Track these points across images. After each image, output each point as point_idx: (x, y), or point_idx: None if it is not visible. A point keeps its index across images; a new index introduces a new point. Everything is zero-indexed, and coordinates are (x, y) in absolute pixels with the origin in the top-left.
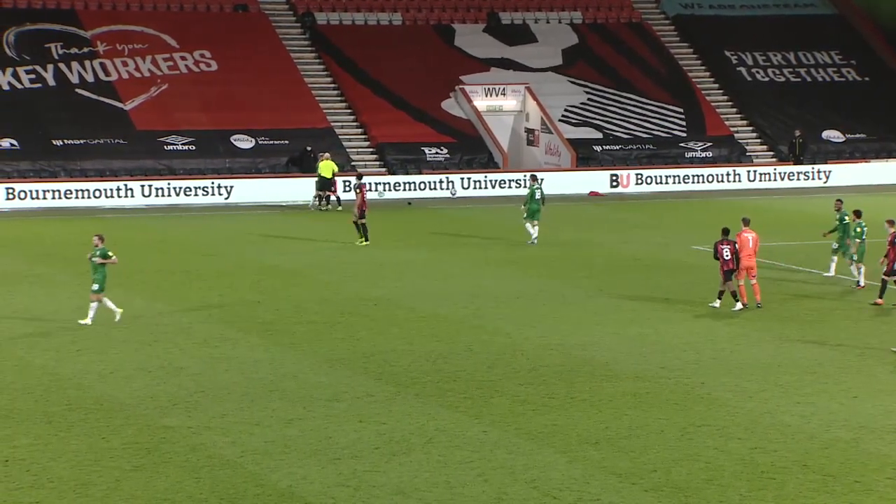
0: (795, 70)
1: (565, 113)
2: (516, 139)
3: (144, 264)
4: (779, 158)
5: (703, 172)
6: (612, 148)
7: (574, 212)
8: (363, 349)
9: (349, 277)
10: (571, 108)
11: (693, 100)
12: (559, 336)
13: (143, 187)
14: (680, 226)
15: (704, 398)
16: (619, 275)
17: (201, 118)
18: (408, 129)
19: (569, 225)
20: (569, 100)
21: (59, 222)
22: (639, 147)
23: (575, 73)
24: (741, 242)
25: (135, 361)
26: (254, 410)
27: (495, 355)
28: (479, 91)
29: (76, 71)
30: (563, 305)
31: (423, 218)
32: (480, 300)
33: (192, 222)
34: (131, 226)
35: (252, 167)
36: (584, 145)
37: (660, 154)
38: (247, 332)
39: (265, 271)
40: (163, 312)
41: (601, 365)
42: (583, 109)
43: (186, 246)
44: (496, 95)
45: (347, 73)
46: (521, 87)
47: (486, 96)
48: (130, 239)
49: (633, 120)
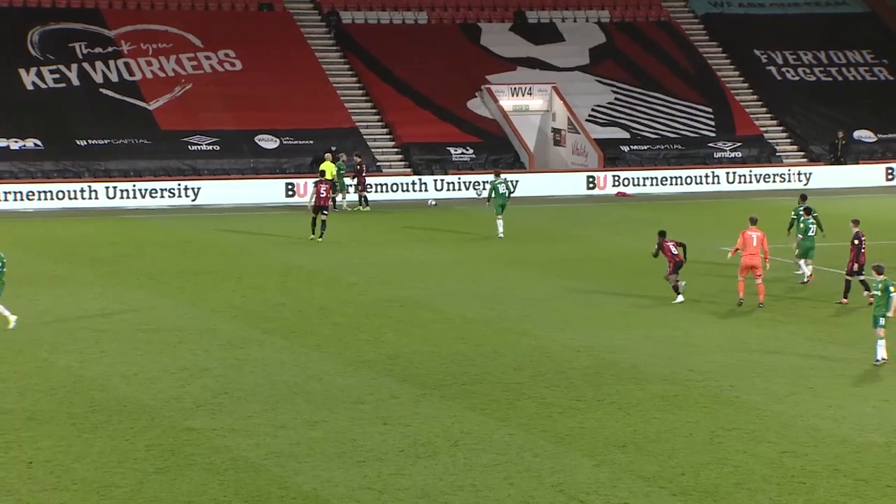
0: (826, 69)
1: (592, 113)
2: (543, 139)
3: (168, 265)
4: (809, 159)
5: (733, 172)
6: (640, 148)
7: (600, 213)
8: (388, 351)
9: (374, 278)
10: (598, 108)
11: (722, 99)
12: (586, 338)
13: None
14: (708, 227)
15: (734, 401)
16: (647, 276)
17: (225, 118)
18: (433, 129)
19: (595, 226)
20: (596, 99)
21: (84, 223)
22: (667, 147)
23: (602, 72)
24: (744, 241)
25: (159, 363)
26: (278, 413)
27: (522, 357)
28: (506, 90)
29: (100, 70)
30: (591, 307)
31: (447, 218)
32: (507, 302)
33: (215, 223)
34: (154, 226)
35: (276, 167)
36: (612, 145)
37: (688, 154)
38: (271, 333)
39: (289, 272)
40: (186, 314)
41: (629, 367)
42: (610, 109)
43: (210, 247)
44: (522, 95)
45: (372, 73)
46: (547, 86)
47: (512, 96)
48: (153, 240)
49: (661, 120)
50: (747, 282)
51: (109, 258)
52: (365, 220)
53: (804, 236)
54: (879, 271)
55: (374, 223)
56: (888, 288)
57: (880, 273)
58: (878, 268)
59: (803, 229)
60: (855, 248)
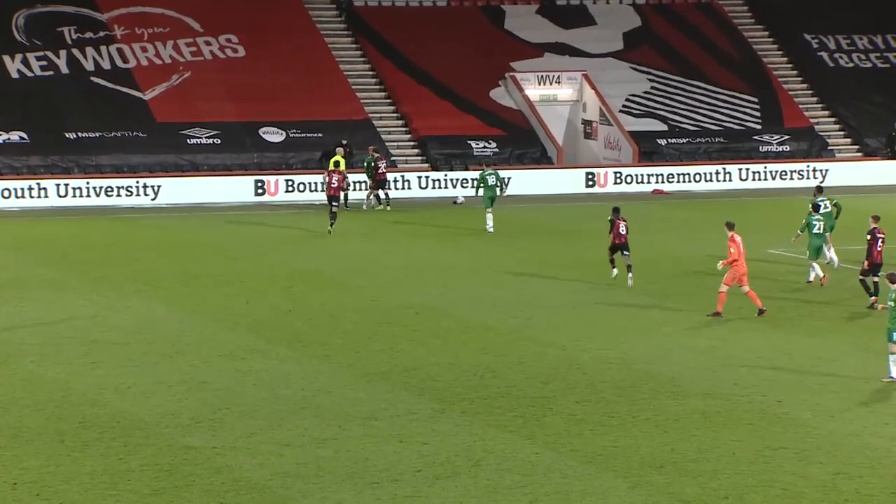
0: (883, 55)
1: (626, 103)
2: (572, 132)
3: (165, 269)
4: (865, 153)
5: (780, 168)
6: (678, 141)
7: (636, 211)
8: (404, 362)
9: (388, 283)
10: (633, 98)
11: (769, 88)
12: (620, 349)
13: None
14: (753, 227)
15: (781, 418)
16: (686, 280)
17: (227, 109)
18: (453, 121)
19: (630, 225)
20: (630, 88)
21: (73, 222)
22: (708, 140)
23: (637, 58)
24: (737, 247)
25: (154, 375)
26: (284, 429)
27: (549, 370)
28: (532, 79)
29: (91, 57)
30: (624, 314)
31: (469, 218)
32: (532, 308)
33: (216, 223)
34: (151, 226)
35: (282, 162)
36: (648, 138)
37: (731, 148)
38: (276, 343)
39: (296, 276)
40: (185, 322)
41: (666, 381)
42: (646, 99)
43: (210, 248)
44: (550, 83)
45: (387, 60)
46: (577, 74)
47: (539, 84)
48: (150, 240)
49: (701, 110)
50: None
51: (101, 261)
52: (378, 220)
53: (810, 234)
54: (894, 280)
55: (388, 223)
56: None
57: (894, 282)
58: (892, 276)
59: (804, 225)
60: (868, 245)
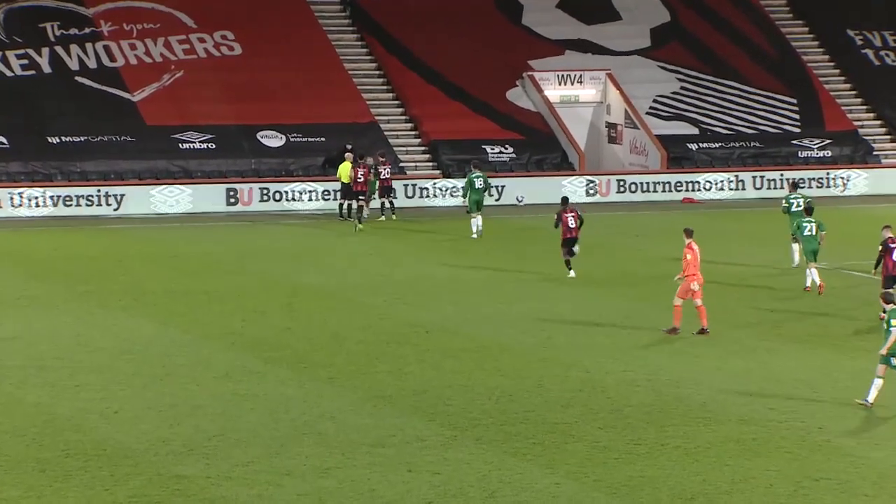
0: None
1: (654, 104)
2: (595, 136)
3: (154, 283)
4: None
5: (821, 175)
6: (710, 146)
7: (664, 221)
8: (413, 385)
9: (396, 299)
10: (661, 99)
11: (808, 88)
12: (647, 370)
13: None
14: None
15: (823, 446)
16: (720, 297)
17: (223, 111)
18: (466, 124)
19: (659, 236)
20: (658, 88)
21: (57, 233)
22: (742, 145)
23: (666, 56)
24: (694, 256)
25: (143, 399)
26: (283, 458)
27: (570, 393)
28: (552, 78)
29: (76, 55)
30: (651, 333)
31: (486, 228)
32: (553, 326)
33: (211, 234)
34: (140, 237)
35: (281, 169)
36: (677, 143)
37: (768, 153)
38: (275, 364)
39: (297, 292)
40: (176, 341)
41: (698, 405)
42: (675, 100)
43: (204, 261)
44: (572, 84)
45: (395, 58)
46: (601, 73)
47: (559, 84)
48: (138, 253)
49: (735, 112)
50: None
51: (86, 275)
52: (385, 231)
53: (802, 237)
54: (887, 299)
55: (396, 234)
56: (890, 321)
57: (888, 301)
58: (885, 296)
59: (796, 228)
60: (879, 257)
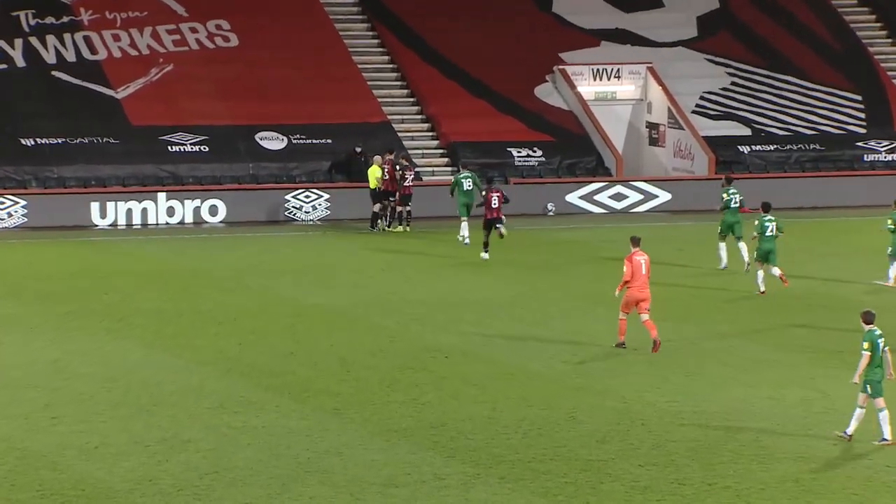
0: None
1: (701, 102)
2: (635, 137)
3: (141, 303)
4: None
5: (890, 181)
6: (765, 149)
7: (710, 232)
8: (430, 417)
9: (412, 320)
10: (710, 96)
11: (876, 84)
12: (692, 401)
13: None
14: (856, 252)
15: (892, 487)
16: (774, 317)
17: (217, 110)
18: (489, 125)
19: (706, 249)
20: (706, 84)
21: (31, 247)
22: (801, 147)
23: (714, 47)
24: (634, 267)
25: (128, 432)
26: (285, 498)
27: (607, 426)
28: (586, 73)
29: (52, 47)
30: (699, 359)
31: (511, 240)
32: (587, 351)
33: (204, 247)
34: (125, 251)
35: (283, 174)
36: (727, 145)
37: (829, 157)
38: (276, 393)
39: (301, 312)
40: (165, 367)
41: (750, 440)
42: (725, 97)
43: (197, 278)
44: (608, 79)
45: (410, 50)
46: (641, 67)
47: (594, 80)
48: (124, 269)
49: (792, 111)
50: None
51: (67, 294)
52: (398, 245)
53: (761, 236)
54: (868, 319)
55: (411, 247)
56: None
57: (869, 322)
58: (868, 315)
59: (759, 227)
60: None
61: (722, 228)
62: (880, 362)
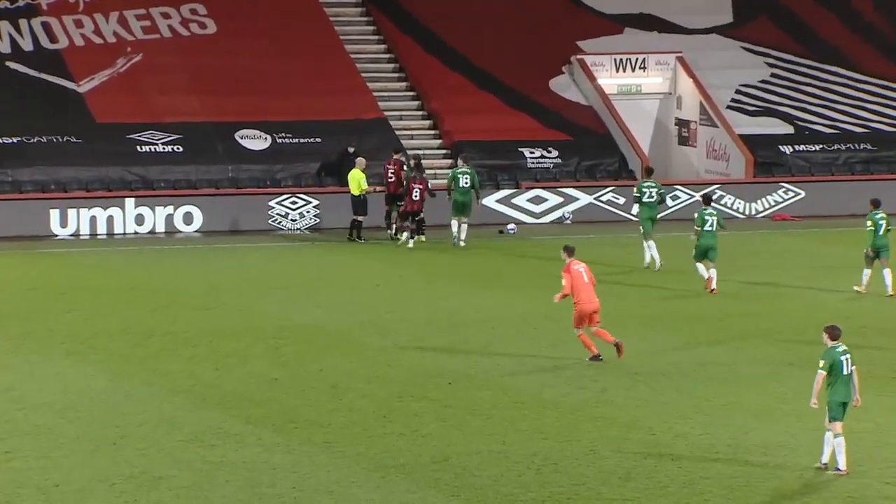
0: None
1: (737, 96)
2: (662, 136)
3: (107, 322)
4: None
5: None
6: (809, 149)
7: (753, 242)
8: (431, 451)
9: (411, 342)
10: (747, 90)
11: None
12: (728, 432)
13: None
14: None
15: None
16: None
17: (192, 105)
18: (499, 122)
19: (746, 261)
20: (743, 76)
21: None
22: (850, 147)
23: (752, 35)
24: (574, 277)
25: (92, 468)
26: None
27: (631, 461)
28: (607, 64)
29: (6, 35)
30: (736, 385)
31: (520, 252)
32: (608, 376)
33: (178, 259)
34: (89, 264)
35: (266, 177)
36: (767, 144)
37: (881, 158)
38: (258, 423)
39: (286, 332)
40: (134, 395)
41: (793, 478)
42: (764, 91)
43: (170, 295)
44: (632, 70)
45: (410, 38)
46: (670, 57)
47: (616, 71)
48: (87, 284)
49: (840, 107)
50: None
51: (22, 313)
52: (398, 257)
53: (703, 231)
54: (833, 335)
55: (410, 260)
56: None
57: (834, 338)
58: (831, 330)
59: (699, 220)
60: None
61: (643, 222)
62: (847, 381)
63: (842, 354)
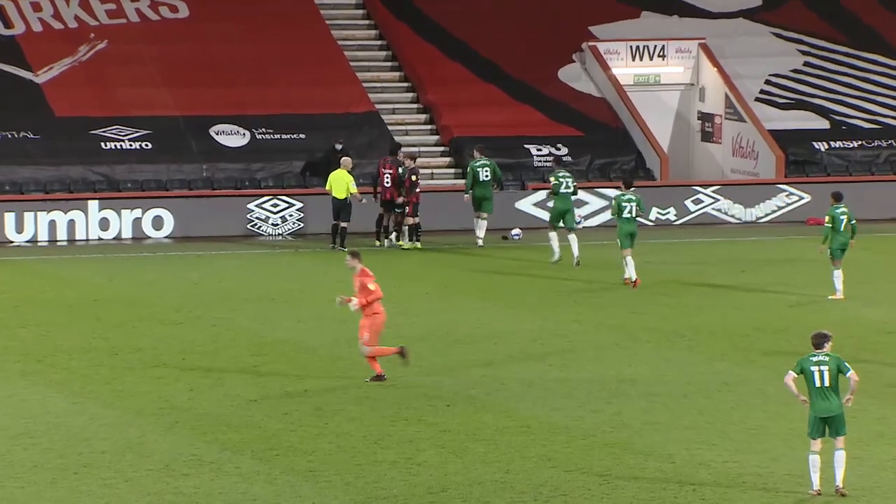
0: None
1: (767, 87)
2: (683, 131)
3: (67, 339)
4: None
5: None
6: (846, 146)
7: (783, 249)
8: (427, 481)
9: (404, 360)
10: (777, 80)
11: None
12: (757, 460)
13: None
14: None
15: None
16: (857, 354)
17: (162, 98)
18: (502, 116)
19: (775, 270)
20: (773, 65)
21: None
22: (891, 144)
23: (783, 19)
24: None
25: (50, 501)
26: None
27: (649, 492)
28: (622, 51)
29: None
30: (764, 408)
31: (528, 260)
32: (623, 398)
33: (146, 268)
34: (47, 274)
35: (245, 177)
36: (799, 141)
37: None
38: (236, 450)
39: (267, 349)
40: (97, 419)
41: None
42: (796, 81)
43: (137, 308)
44: (650, 58)
45: (405, 24)
46: (691, 43)
47: (633, 60)
48: (44, 297)
49: (881, 99)
50: None
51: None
52: (392, 264)
53: (620, 218)
54: (814, 342)
55: (404, 268)
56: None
57: (820, 346)
58: (813, 337)
59: (616, 207)
60: None
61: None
62: (822, 395)
63: (815, 364)
